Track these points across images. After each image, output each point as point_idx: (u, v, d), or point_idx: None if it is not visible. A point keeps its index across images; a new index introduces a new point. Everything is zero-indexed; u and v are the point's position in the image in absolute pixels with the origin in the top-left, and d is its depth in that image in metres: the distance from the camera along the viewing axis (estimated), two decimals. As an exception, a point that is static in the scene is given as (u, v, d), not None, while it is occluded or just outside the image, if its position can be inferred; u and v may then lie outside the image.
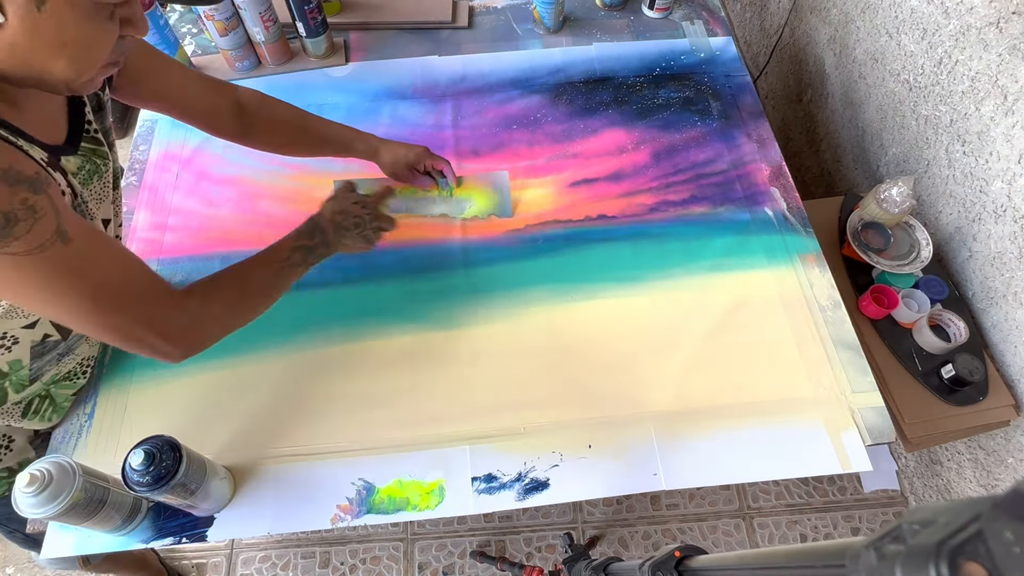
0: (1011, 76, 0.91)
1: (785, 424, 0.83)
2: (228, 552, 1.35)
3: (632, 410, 0.84)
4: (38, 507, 0.62)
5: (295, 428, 0.83)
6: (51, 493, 0.62)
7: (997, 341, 1.03)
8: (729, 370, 0.87)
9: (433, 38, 1.28)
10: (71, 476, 0.64)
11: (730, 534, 1.36)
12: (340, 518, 0.77)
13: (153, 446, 0.65)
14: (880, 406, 0.84)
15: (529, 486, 0.79)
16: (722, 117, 1.15)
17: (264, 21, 1.13)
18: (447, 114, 1.16)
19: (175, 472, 0.64)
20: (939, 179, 1.11)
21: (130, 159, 1.10)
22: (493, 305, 0.93)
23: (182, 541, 0.76)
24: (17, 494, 0.62)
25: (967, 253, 1.07)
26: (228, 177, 1.08)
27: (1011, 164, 0.93)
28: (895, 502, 1.40)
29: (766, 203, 1.03)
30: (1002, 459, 1.07)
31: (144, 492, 0.63)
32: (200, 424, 0.83)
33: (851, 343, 0.89)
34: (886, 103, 1.24)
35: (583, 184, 1.06)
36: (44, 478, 0.62)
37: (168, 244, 1.00)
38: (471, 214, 1.02)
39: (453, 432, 0.83)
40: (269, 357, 0.89)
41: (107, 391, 0.86)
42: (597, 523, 1.37)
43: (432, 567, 1.32)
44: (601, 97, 1.18)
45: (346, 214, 0.81)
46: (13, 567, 1.35)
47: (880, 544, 0.24)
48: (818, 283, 0.95)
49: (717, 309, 0.93)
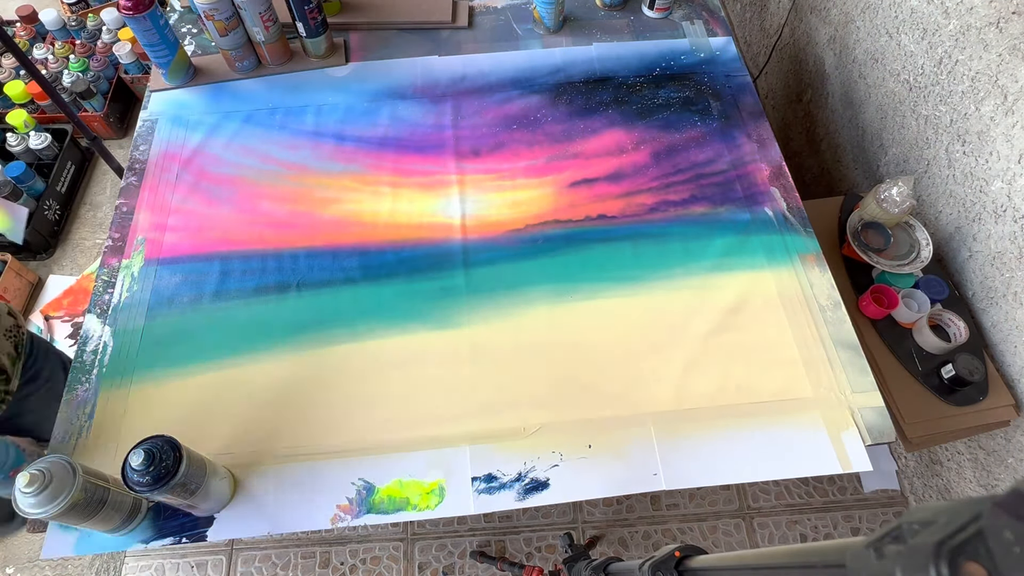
0: (1011, 76, 0.91)
1: (785, 424, 0.83)
2: (228, 552, 1.35)
3: (632, 410, 0.84)
4: (38, 507, 0.62)
5: (295, 428, 0.83)
6: (51, 493, 0.62)
7: (997, 341, 1.03)
8: (729, 370, 0.87)
9: (433, 38, 1.28)
10: (71, 476, 0.64)
11: (730, 534, 1.36)
12: (340, 518, 0.77)
13: (153, 446, 0.65)
14: (880, 406, 0.84)
15: (529, 486, 0.79)
16: (722, 117, 1.14)
17: (264, 21, 1.13)
18: (447, 114, 1.16)
19: (175, 472, 0.64)
20: (939, 179, 1.11)
21: (130, 159, 1.10)
22: (493, 305, 0.93)
23: (182, 541, 0.76)
24: (17, 494, 0.62)
25: (967, 253, 1.07)
26: (228, 177, 1.08)
27: (1011, 164, 0.93)
28: (895, 502, 1.40)
29: (766, 203, 1.03)
30: (1002, 459, 1.07)
31: (144, 492, 0.63)
32: (200, 424, 0.83)
33: (851, 343, 0.89)
34: (886, 103, 1.24)
35: (583, 184, 1.06)
36: (44, 478, 0.62)
37: (168, 244, 1.00)
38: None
39: (453, 432, 0.83)
40: (269, 357, 0.89)
41: (107, 391, 0.86)
42: (597, 523, 1.37)
43: (432, 567, 1.32)
44: (601, 97, 1.18)
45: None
46: (13, 567, 1.35)
47: (880, 544, 0.24)
48: (818, 283, 0.95)
49: (717, 309, 0.93)
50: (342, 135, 1.13)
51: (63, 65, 1.93)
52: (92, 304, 0.93)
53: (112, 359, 0.88)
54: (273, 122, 1.15)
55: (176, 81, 1.19)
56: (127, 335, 0.91)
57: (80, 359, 0.88)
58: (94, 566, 1.33)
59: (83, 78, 1.88)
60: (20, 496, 0.62)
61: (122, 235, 1.01)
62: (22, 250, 1.69)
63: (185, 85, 1.20)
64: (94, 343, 0.90)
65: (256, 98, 1.18)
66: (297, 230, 1.02)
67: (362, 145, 1.12)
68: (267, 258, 0.98)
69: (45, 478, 0.62)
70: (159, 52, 1.13)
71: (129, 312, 0.93)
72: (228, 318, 0.92)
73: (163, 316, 0.93)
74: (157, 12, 1.07)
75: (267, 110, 1.16)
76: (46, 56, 1.96)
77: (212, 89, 1.20)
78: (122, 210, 1.03)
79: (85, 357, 0.89)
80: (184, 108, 1.17)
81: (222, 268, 0.97)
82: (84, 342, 0.90)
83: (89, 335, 0.91)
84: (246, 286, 0.95)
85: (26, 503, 0.62)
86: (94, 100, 1.91)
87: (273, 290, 0.95)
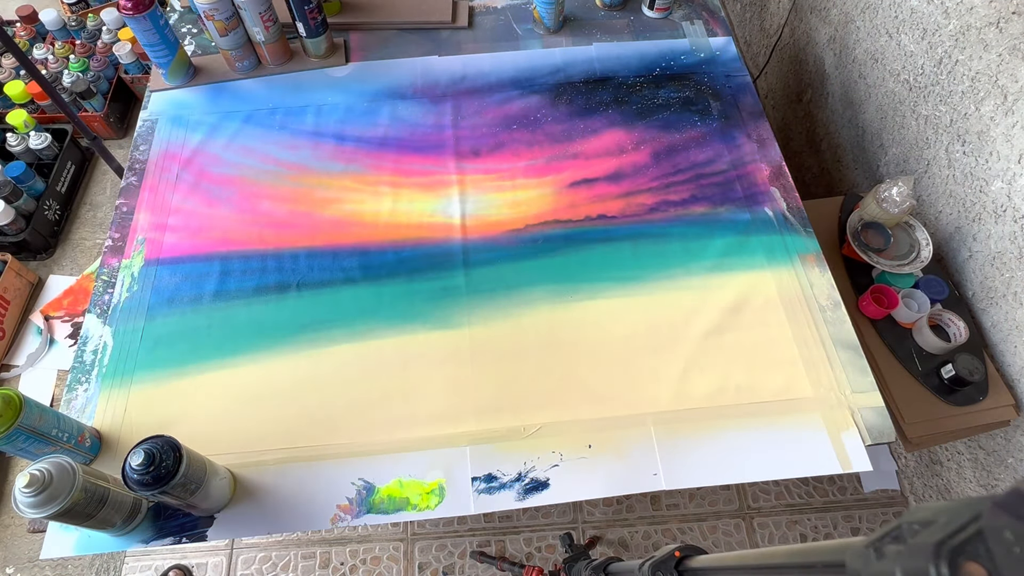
0: (1011, 76, 0.91)
1: (785, 424, 0.83)
2: (228, 552, 1.35)
3: (632, 410, 0.84)
4: (38, 507, 0.62)
5: (295, 428, 0.83)
6: (51, 493, 0.62)
7: (997, 341, 1.03)
8: (729, 370, 0.87)
9: (433, 38, 1.28)
10: (71, 476, 0.64)
11: (730, 534, 1.36)
12: (340, 518, 0.77)
13: (153, 446, 0.65)
14: (880, 406, 0.84)
15: (529, 486, 0.79)
16: (722, 117, 1.14)
17: (264, 21, 1.13)
18: (447, 114, 1.16)
19: (175, 472, 0.64)
20: (939, 179, 1.11)
21: (130, 159, 1.10)
22: (493, 305, 0.93)
23: (182, 541, 0.76)
24: (17, 494, 0.62)
25: (967, 253, 1.07)
26: (228, 177, 1.08)
27: (1011, 164, 0.93)
28: (895, 502, 1.40)
29: (766, 203, 1.03)
30: (1002, 459, 1.07)
31: (144, 492, 0.63)
32: (200, 424, 0.83)
33: (851, 343, 0.89)
34: (886, 103, 1.24)
35: (583, 184, 1.06)
36: (44, 478, 0.62)
37: (168, 244, 1.00)
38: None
39: (453, 432, 0.83)
40: (269, 357, 0.89)
41: (107, 391, 0.86)
42: (597, 523, 1.37)
43: (432, 567, 1.32)
44: (601, 97, 1.18)
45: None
46: (13, 567, 1.35)
47: (880, 544, 0.24)
48: (818, 283, 0.95)
49: (717, 309, 0.93)
50: (342, 135, 1.13)
51: (63, 65, 1.93)
52: (92, 304, 0.93)
53: (112, 359, 0.88)
54: (273, 122, 1.15)
55: (176, 81, 1.19)
56: (127, 335, 0.91)
57: (80, 359, 0.88)
58: (94, 566, 1.33)
59: (83, 78, 1.88)
60: (20, 496, 0.62)
61: (122, 235, 1.01)
62: (22, 250, 1.69)
63: (185, 85, 1.20)
64: (94, 343, 0.90)
65: (256, 98, 1.18)
66: (297, 230, 1.02)
67: (362, 145, 1.12)
68: (267, 258, 0.98)
69: (45, 478, 0.62)
70: (159, 52, 1.13)
71: (129, 312, 0.93)
72: (228, 318, 0.92)
73: (163, 316, 0.93)
74: (157, 12, 1.07)
75: (267, 110, 1.16)
76: (46, 56, 1.96)
77: (212, 89, 1.20)
78: (122, 210, 1.03)
79: (85, 357, 0.89)
80: (184, 108, 1.17)
81: (222, 268, 0.97)
82: (84, 342, 0.90)
83: (89, 335, 0.91)
84: (246, 286, 0.95)
85: (26, 503, 0.62)
86: (94, 100, 1.91)
87: (273, 290, 0.95)
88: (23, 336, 1.60)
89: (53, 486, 0.63)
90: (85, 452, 0.78)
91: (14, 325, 1.59)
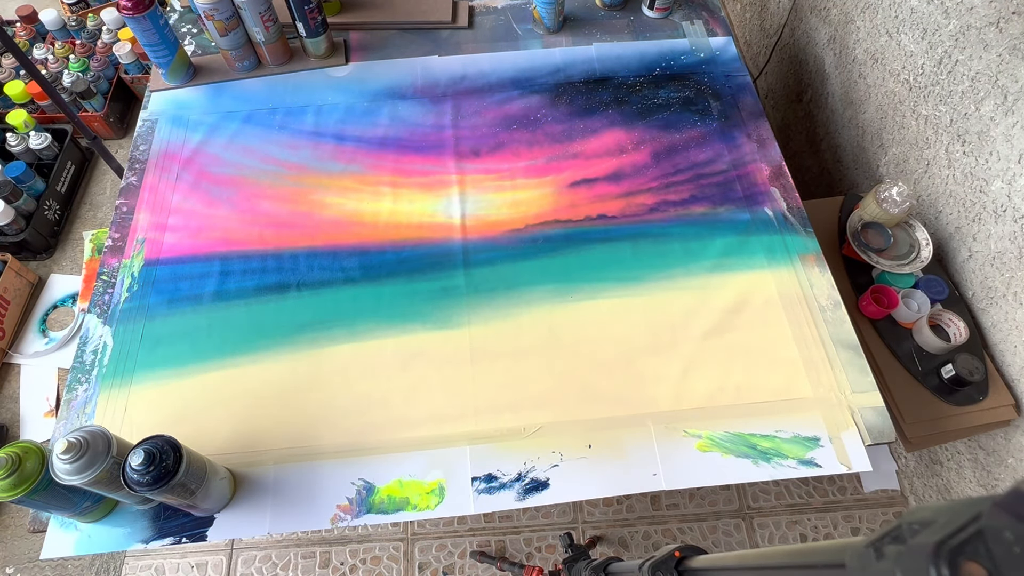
0: (1011, 76, 0.91)
1: (785, 424, 0.83)
2: (228, 552, 1.35)
3: (632, 410, 0.84)
4: (75, 474, 0.63)
5: (295, 428, 0.83)
6: (89, 460, 0.64)
7: (997, 341, 1.03)
8: (729, 370, 0.87)
9: (433, 38, 1.28)
10: (106, 443, 0.66)
11: (730, 534, 1.36)
12: (340, 518, 0.77)
13: (153, 446, 0.65)
14: (880, 406, 0.84)
15: (529, 486, 0.79)
16: (722, 117, 1.14)
17: (264, 21, 1.13)
18: (447, 114, 1.16)
19: (175, 472, 0.64)
20: (939, 179, 1.11)
21: (130, 159, 1.10)
22: (493, 305, 0.93)
23: (182, 541, 0.76)
24: (55, 460, 0.64)
25: (967, 253, 1.07)
26: (228, 177, 1.08)
27: (1011, 164, 0.93)
28: (895, 502, 1.40)
29: (766, 203, 1.03)
30: (1002, 459, 1.07)
31: (144, 492, 0.64)
32: (200, 424, 0.83)
33: (851, 343, 0.89)
34: (886, 103, 1.24)
35: (583, 184, 1.06)
36: (81, 445, 0.64)
37: (168, 244, 1.00)
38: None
39: (453, 432, 0.83)
40: (269, 357, 0.89)
41: (107, 391, 0.86)
42: (597, 523, 1.37)
43: (432, 567, 1.32)
44: (601, 97, 1.18)
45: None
46: (13, 567, 1.35)
47: (880, 544, 0.24)
48: (818, 283, 0.95)
49: (717, 309, 0.93)
50: (342, 135, 1.13)
51: (63, 65, 1.93)
52: (92, 304, 0.93)
53: (112, 359, 0.88)
54: (273, 122, 1.15)
55: (176, 81, 1.19)
56: (127, 335, 0.91)
57: (80, 359, 0.88)
58: (94, 566, 1.33)
59: (83, 78, 1.88)
60: (57, 462, 0.63)
61: (122, 235, 1.01)
62: (22, 250, 1.69)
63: (185, 85, 1.20)
64: (94, 343, 0.90)
65: (256, 98, 1.18)
66: (297, 230, 1.02)
67: (362, 145, 1.12)
68: (267, 258, 0.98)
69: (82, 446, 0.64)
70: (159, 52, 1.13)
71: (129, 312, 0.93)
72: (228, 318, 0.92)
73: (163, 316, 0.93)
74: (157, 12, 1.07)
75: (267, 110, 1.16)
76: (46, 56, 1.96)
77: (212, 89, 1.20)
78: (122, 210, 1.03)
79: (85, 357, 0.89)
80: (184, 108, 1.17)
81: (222, 268, 0.97)
82: (84, 342, 0.90)
83: (89, 335, 0.91)
84: (246, 286, 0.95)
85: (63, 469, 0.63)
86: (94, 100, 1.91)
87: (273, 290, 0.95)
88: (23, 336, 1.60)
89: (90, 453, 0.64)
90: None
91: (14, 325, 1.59)
